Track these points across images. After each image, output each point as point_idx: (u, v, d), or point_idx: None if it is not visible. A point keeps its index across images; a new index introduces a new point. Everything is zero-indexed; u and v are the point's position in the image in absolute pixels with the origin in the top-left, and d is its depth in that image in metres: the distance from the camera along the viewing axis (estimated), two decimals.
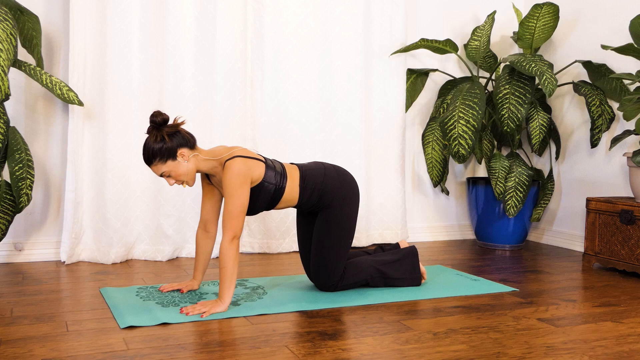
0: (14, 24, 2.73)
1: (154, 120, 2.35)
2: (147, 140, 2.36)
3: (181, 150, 2.37)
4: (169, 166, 2.37)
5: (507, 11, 4.29)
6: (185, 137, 2.39)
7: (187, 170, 2.40)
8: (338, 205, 2.59)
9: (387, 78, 3.84)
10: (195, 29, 3.38)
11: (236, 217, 2.34)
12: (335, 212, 2.58)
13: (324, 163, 2.68)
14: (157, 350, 1.91)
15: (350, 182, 2.66)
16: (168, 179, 2.41)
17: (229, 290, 2.32)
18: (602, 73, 3.62)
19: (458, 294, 2.66)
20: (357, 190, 2.68)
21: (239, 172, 2.35)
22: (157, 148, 2.34)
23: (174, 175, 2.39)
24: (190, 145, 2.40)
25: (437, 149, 3.88)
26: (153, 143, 2.34)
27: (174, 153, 2.36)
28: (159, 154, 2.34)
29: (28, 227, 3.28)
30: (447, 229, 4.24)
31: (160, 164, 2.36)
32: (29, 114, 3.25)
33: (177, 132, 2.38)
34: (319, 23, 3.66)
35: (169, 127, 2.38)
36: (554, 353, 1.94)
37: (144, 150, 2.36)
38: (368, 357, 1.88)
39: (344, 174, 2.66)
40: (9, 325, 2.15)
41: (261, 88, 3.57)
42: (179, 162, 2.38)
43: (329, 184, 2.58)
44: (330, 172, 2.62)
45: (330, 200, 2.58)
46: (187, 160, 2.39)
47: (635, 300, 2.64)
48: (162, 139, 2.34)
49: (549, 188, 3.89)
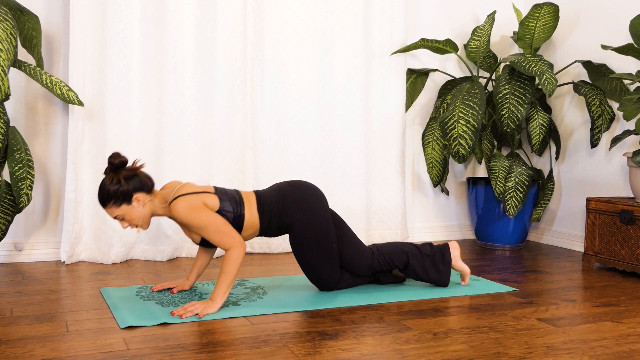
0: (14, 24, 2.73)
1: (111, 162, 2.31)
2: (103, 181, 2.33)
3: (137, 194, 2.32)
4: (123, 210, 2.33)
5: (507, 11, 4.29)
6: (142, 181, 2.35)
7: (141, 215, 2.35)
8: (302, 221, 2.51)
9: (387, 78, 3.84)
10: (195, 29, 3.38)
11: (226, 234, 2.32)
12: (302, 229, 2.51)
13: (279, 183, 2.61)
14: (157, 350, 1.91)
15: (308, 190, 2.57)
16: (122, 222, 2.36)
17: (224, 294, 2.32)
18: (602, 73, 3.62)
19: (458, 294, 2.66)
20: (318, 196, 2.58)
21: (189, 205, 2.30)
22: (113, 191, 2.30)
23: (127, 219, 2.35)
24: (147, 189, 2.36)
25: (437, 149, 3.88)
26: (109, 185, 2.30)
27: (129, 197, 2.32)
28: (114, 197, 2.30)
29: (28, 227, 3.28)
30: (447, 229, 4.24)
31: (115, 207, 2.32)
32: (29, 114, 3.25)
33: (135, 175, 2.34)
34: (319, 23, 3.66)
35: (126, 170, 2.33)
36: (554, 353, 1.94)
37: (99, 191, 2.32)
38: (368, 357, 1.88)
39: (300, 186, 2.58)
40: (9, 325, 2.15)
41: (261, 88, 3.57)
42: (134, 207, 2.33)
43: (287, 203, 2.51)
44: (285, 191, 2.55)
45: (291, 219, 2.51)
46: (143, 205, 2.34)
47: (635, 300, 2.64)
48: (119, 181, 2.30)
49: (549, 188, 3.89)
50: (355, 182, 3.77)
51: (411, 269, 2.70)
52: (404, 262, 2.70)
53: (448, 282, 2.74)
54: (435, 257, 2.73)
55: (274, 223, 2.52)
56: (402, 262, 2.70)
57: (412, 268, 2.70)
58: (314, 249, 2.54)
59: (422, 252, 2.72)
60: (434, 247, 2.76)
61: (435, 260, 2.72)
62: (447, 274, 2.73)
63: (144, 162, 2.69)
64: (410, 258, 2.70)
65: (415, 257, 2.70)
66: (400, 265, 2.71)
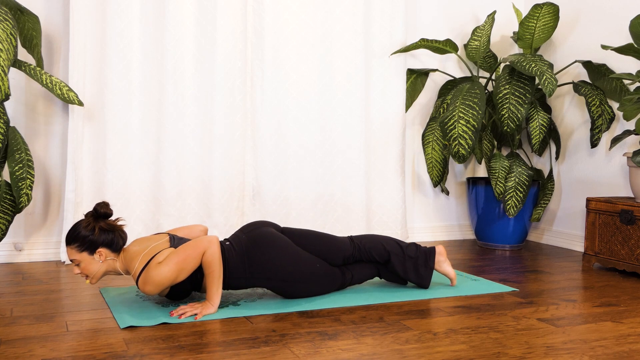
0: (14, 24, 2.73)
1: (96, 209, 2.31)
2: (78, 222, 2.31)
3: (102, 249, 2.29)
4: (83, 257, 2.29)
5: (507, 11, 4.29)
6: (114, 240, 2.32)
7: (96, 270, 2.32)
8: (275, 280, 2.44)
9: (387, 78, 3.84)
10: (195, 29, 3.38)
11: (191, 257, 2.26)
12: (279, 287, 2.46)
13: (240, 237, 2.49)
14: (157, 350, 1.91)
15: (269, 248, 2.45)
16: (75, 267, 2.32)
17: (218, 292, 2.31)
18: (602, 73, 3.62)
19: (458, 294, 2.66)
20: (269, 233, 2.48)
21: (152, 282, 2.23)
22: (82, 235, 2.27)
23: (82, 267, 2.31)
24: (114, 248, 2.32)
25: (437, 149, 3.88)
26: (82, 229, 2.28)
27: (94, 248, 2.28)
28: (81, 242, 2.27)
29: (28, 227, 3.28)
30: (447, 229, 4.24)
31: (76, 251, 2.28)
32: (29, 114, 3.25)
33: (110, 231, 2.31)
34: (319, 23, 3.66)
35: (105, 223, 2.31)
36: (554, 353, 1.94)
37: (70, 229, 2.30)
38: (368, 357, 1.88)
39: (262, 245, 2.44)
40: (9, 325, 2.15)
41: (261, 88, 3.57)
42: (94, 259, 2.30)
43: (254, 269, 2.42)
44: (250, 252, 2.43)
45: (263, 283, 2.45)
46: (102, 261, 2.31)
47: (635, 300, 2.64)
48: (92, 230, 2.28)
49: (549, 188, 3.89)
50: (355, 182, 3.77)
51: (391, 266, 2.66)
52: (384, 258, 2.65)
53: (428, 284, 2.70)
54: (419, 261, 2.69)
55: (240, 274, 2.43)
56: (383, 258, 2.65)
57: (392, 266, 2.65)
58: (301, 284, 2.49)
59: (406, 253, 2.68)
60: (419, 249, 2.71)
61: (417, 264, 2.68)
62: (427, 278, 2.69)
63: (125, 223, 2.71)
64: (392, 257, 2.65)
65: (397, 256, 2.65)
66: (380, 261, 2.66)
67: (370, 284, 2.81)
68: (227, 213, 3.47)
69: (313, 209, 3.68)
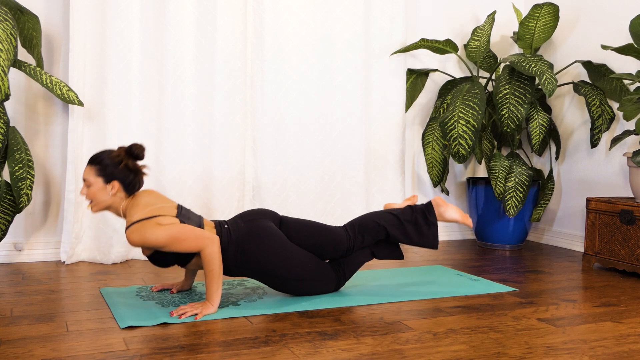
0: (14, 24, 2.73)
1: (131, 147, 2.34)
2: (110, 150, 2.36)
3: (116, 182, 2.33)
4: (96, 182, 2.33)
5: (507, 11, 4.29)
6: (132, 181, 2.35)
7: (103, 199, 2.34)
8: (259, 262, 2.42)
9: (387, 78, 3.84)
10: (195, 29, 3.38)
11: (190, 239, 2.27)
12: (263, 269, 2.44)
13: (237, 223, 2.49)
14: (157, 350, 1.91)
15: (258, 227, 2.45)
16: (85, 187, 2.35)
17: (217, 292, 2.31)
18: (602, 73, 3.62)
19: (458, 294, 2.66)
20: (267, 228, 2.47)
21: (140, 236, 2.24)
22: (107, 162, 2.32)
23: (91, 191, 2.33)
24: (128, 188, 2.35)
25: (437, 149, 3.88)
26: (110, 156, 2.33)
27: (111, 179, 2.32)
28: (103, 166, 2.32)
29: (28, 227, 3.28)
30: (447, 229, 4.24)
31: (93, 173, 2.32)
32: (29, 114, 3.25)
33: (133, 171, 2.35)
34: (319, 23, 3.66)
35: (132, 162, 2.36)
36: (554, 353, 1.94)
37: (99, 152, 2.36)
38: (368, 357, 1.88)
39: (256, 235, 2.43)
40: (9, 325, 2.15)
41: (261, 88, 3.57)
42: (105, 188, 2.33)
43: (247, 257, 2.42)
44: (243, 238, 2.42)
45: (254, 269, 2.43)
46: (112, 194, 2.34)
47: (635, 300, 2.64)
48: (119, 163, 2.33)
49: (549, 188, 3.89)
50: (355, 182, 3.77)
51: (393, 238, 2.58)
52: (383, 235, 2.58)
53: (436, 244, 2.57)
54: (418, 221, 2.58)
55: (231, 262, 2.42)
56: (380, 236, 2.58)
57: (393, 238, 2.58)
58: (292, 282, 2.49)
59: (402, 218, 2.58)
60: (415, 209, 2.61)
61: (418, 224, 2.58)
62: (434, 237, 2.58)
63: (148, 173, 2.66)
64: (389, 229, 2.56)
65: (394, 226, 2.56)
66: (380, 239, 2.60)
67: (370, 284, 2.81)
68: (227, 213, 3.47)
69: (313, 209, 3.68)
